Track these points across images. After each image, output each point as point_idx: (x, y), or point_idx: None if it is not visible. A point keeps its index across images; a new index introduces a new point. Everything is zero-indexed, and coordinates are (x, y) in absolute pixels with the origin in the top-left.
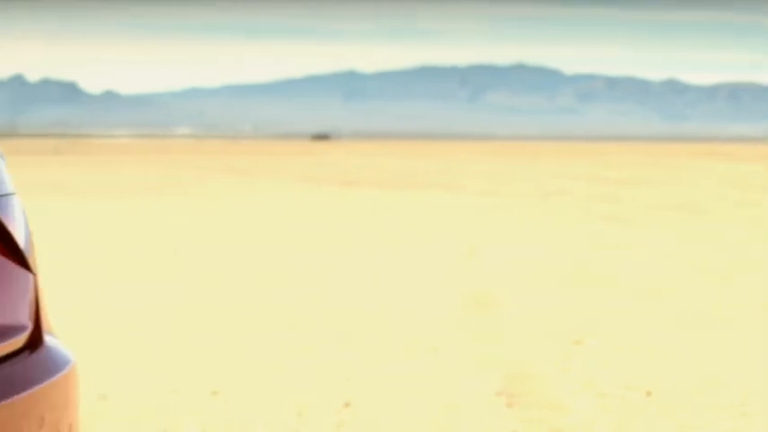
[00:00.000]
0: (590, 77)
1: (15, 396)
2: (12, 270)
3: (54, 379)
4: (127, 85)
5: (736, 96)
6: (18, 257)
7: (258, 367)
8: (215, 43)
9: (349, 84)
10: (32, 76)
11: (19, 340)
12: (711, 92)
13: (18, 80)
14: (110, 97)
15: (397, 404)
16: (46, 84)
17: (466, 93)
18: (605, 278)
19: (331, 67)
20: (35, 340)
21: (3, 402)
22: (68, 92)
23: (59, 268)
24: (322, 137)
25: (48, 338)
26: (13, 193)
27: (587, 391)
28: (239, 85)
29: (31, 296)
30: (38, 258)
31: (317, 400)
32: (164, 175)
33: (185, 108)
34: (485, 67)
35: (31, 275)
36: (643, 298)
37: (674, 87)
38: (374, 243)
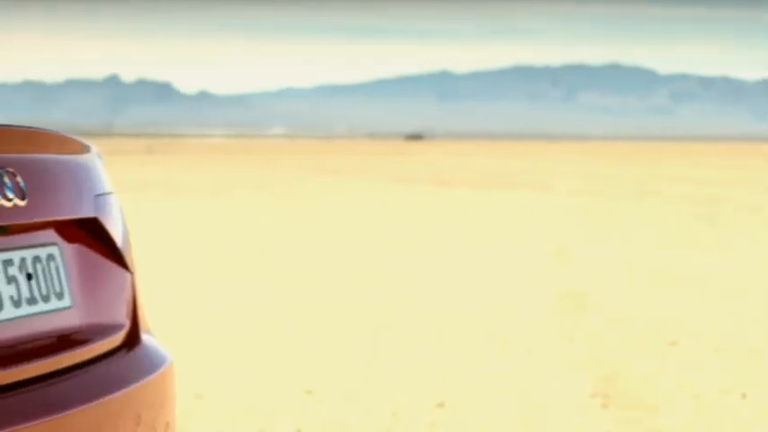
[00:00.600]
0: (684, 77)
1: (112, 394)
2: (110, 269)
3: (151, 378)
4: (221, 86)
5: None
6: (116, 256)
7: (352, 367)
8: (310, 43)
9: (443, 84)
10: (128, 76)
11: (117, 339)
12: None
13: (114, 80)
14: (204, 97)
15: (490, 405)
16: (141, 84)
17: (559, 93)
18: (698, 278)
19: (425, 67)
20: (133, 339)
21: (100, 400)
22: (163, 92)
23: (152, 267)
24: (415, 137)
25: (145, 337)
26: (111, 193)
27: (682, 393)
28: (333, 85)
29: (128, 295)
30: (134, 257)
31: (411, 400)
32: (257, 174)
33: (279, 108)
34: (578, 67)
35: (128, 274)
36: (737, 299)
37: None
38: (466, 243)
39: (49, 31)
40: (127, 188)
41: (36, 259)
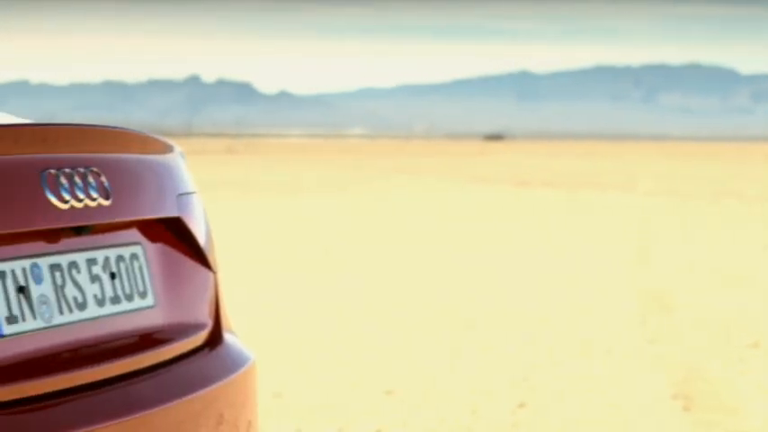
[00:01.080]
0: (766, 77)
1: (195, 393)
2: (192, 268)
3: (233, 377)
4: (301, 86)
5: None
6: (199, 256)
7: (432, 366)
8: (390, 43)
9: (522, 84)
10: (208, 76)
11: (199, 338)
12: None
13: (194, 81)
14: (284, 98)
15: (571, 405)
16: (221, 84)
17: (640, 93)
18: None
19: (505, 67)
20: (215, 338)
21: (182, 399)
22: (243, 92)
23: (232, 267)
24: (495, 137)
25: (227, 336)
26: (194, 192)
27: (763, 395)
28: (413, 85)
29: (211, 294)
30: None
31: (491, 401)
32: (336, 174)
33: (359, 108)
34: (659, 67)
35: (211, 273)
36: None
37: None
38: (546, 243)
39: (130, 31)
40: (206, 187)
41: (119, 258)
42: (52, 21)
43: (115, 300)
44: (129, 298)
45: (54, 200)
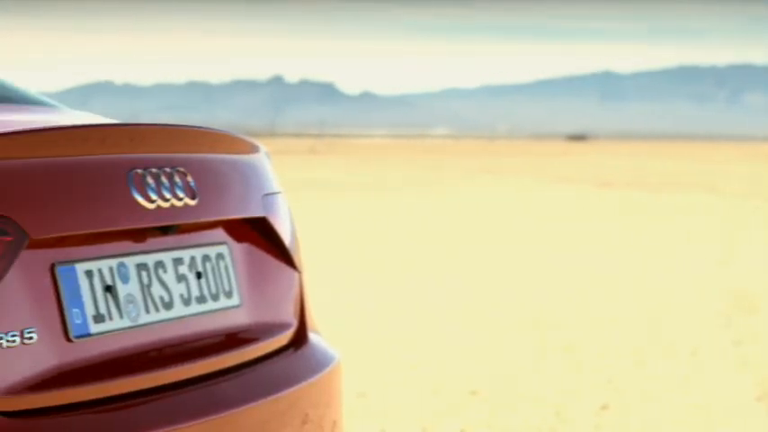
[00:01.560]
0: None
1: (280, 393)
2: (278, 268)
3: (318, 376)
4: (384, 86)
5: None
6: (284, 255)
7: (517, 367)
8: (472, 44)
9: (606, 84)
10: (291, 77)
11: (284, 337)
12: None
13: (277, 81)
14: (367, 98)
15: (655, 407)
16: (304, 85)
17: (724, 93)
18: None
19: (588, 67)
20: (300, 338)
21: (267, 399)
22: (326, 93)
23: (315, 266)
24: (578, 137)
25: (312, 336)
26: (280, 192)
27: None
28: (496, 85)
29: (296, 294)
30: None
31: (575, 402)
32: (419, 175)
33: (442, 108)
34: (743, 67)
35: (296, 273)
36: None
37: None
38: (629, 243)
39: (214, 31)
40: (290, 187)
41: (205, 258)
42: (137, 21)
43: (201, 299)
44: (215, 297)
45: (141, 200)
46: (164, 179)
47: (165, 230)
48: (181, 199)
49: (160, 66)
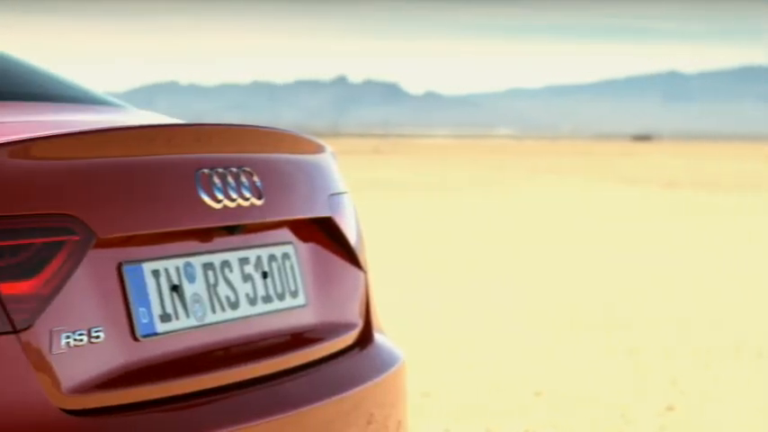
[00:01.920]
0: None
1: (345, 392)
2: (343, 268)
3: (383, 376)
4: (448, 86)
5: None
6: (350, 255)
7: (582, 367)
8: (536, 44)
9: (670, 84)
10: (355, 77)
11: (350, 337)
12: None
13: (341, 81)
14: (431, 98)
15: (720, 409)
16: (368, 85)
17: None
18: None
19: (652, 67)
20: (365, 338)
21: (333, 398)
22: (390, 92)
23: (379, 266)
24: (642, 137)
25: (377, 336)
26: (345, 192)
27: None
28: (560, 85)
29: (361, 294)
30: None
31: (640, 403)
32: (483, 175)
33: (506, 108)
34: None
35: (361, 273)
36: None
37: None
38: (694, 244)
39: (278, 31)
40: (354, 187)
41: (271, 258)
42: (202, 20)
43: (267, 299)
44: (281, 297)
45: (207, 199)
46: (230, 179)
47: (231, 230)
48: (247, 199)
49: (225, 66)
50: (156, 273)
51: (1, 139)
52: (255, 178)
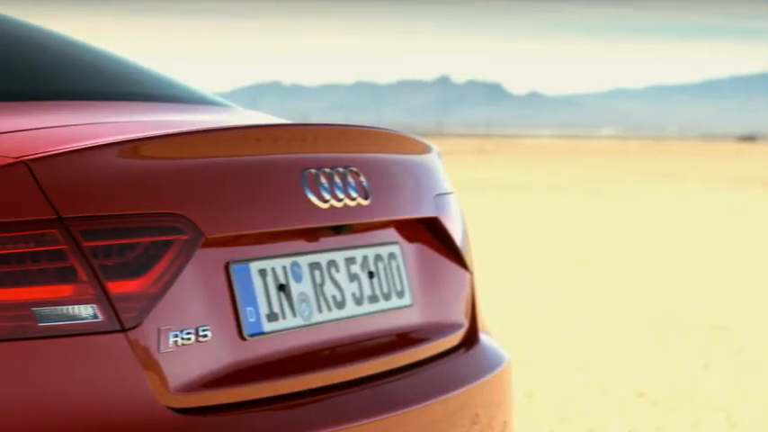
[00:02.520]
0: None
1: (450, 393)
2: (449, 268)
3: (489, 377)
4: (551, 86)
5: None
6: (455, 256)
7: (685, 369)
8: (639, 44)
9: None
10: (458, 77)
11: (455, 338)
12: None
13: (444, 82)
14: (534, 98)
15: None
16: (471, 85)
17: None
18: None
19: (756, 67)
20: (471, 338)
21: (438, 399)
22: (493, 93)
23: (483, 267)
24: (748, 138)
25: (483, 336)
26: (451, 192)
27: None
28: (664, 85)
29: (467, 294)
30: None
31: (746, 405)
32: (586, 175)
33: (609, 109)
34: None
35: (467, 274)
36: None
37: None
38: None
39: (382, 31)
40: (459, 187)
41: (377, 258)
42: (305, 20)
43: (373, 299)
44: (387, 297)
45: (314, 199)
46: (337, 179)
47: (337, 230)
48: (354, 199)
49: (328, 66)
50: (262, 272)
51: (110, 140)
52: (362, 178)
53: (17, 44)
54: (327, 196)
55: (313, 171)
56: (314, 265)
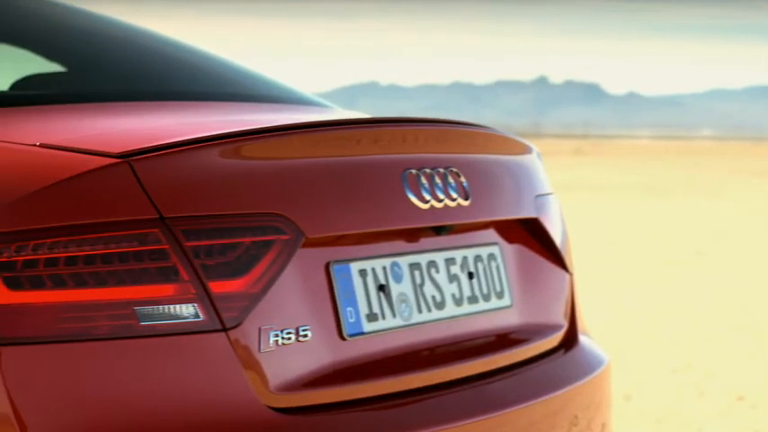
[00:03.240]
0: None
1: (550, 394)
2: (549, 269)
3: (589, 378)
4: (649, 87)
5: None
6: (555, 257)
7: None
8: (739, 44)
9: None
10: (555, 77)
11: (554, 339)
12: None
13: (542, 82)
14: (632, 98)
15: None
16: (568, 85)
17: None
18: None
19: None
20: (571, 339)
21: (537, 400)
22: (590, 93)
23: (583, 268)
24: None
25: (582, 338)
26: (551, 193)
27: None
28: (764, 86)
29: (566, 295)
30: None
31: None
32: (684, 176)
33: (707, 109)
34: None
35: (567, 275)
36: None
37: None
38: None
39: (479, 32)
40: (556, 188)
41: (477, 258)
42: (403, 21)
43: (473, 299)
44: (487, 298)
45: (415, 200)
46: (437, 179)
47: (438, 231)
48: (454, 199)
49: (425, 66)
50: (363, 272)
51: (211, 139)
52: (462, 179)
53: (120, 46)
54: (428, 197)
55: (414, 171)
56: (414, 266)
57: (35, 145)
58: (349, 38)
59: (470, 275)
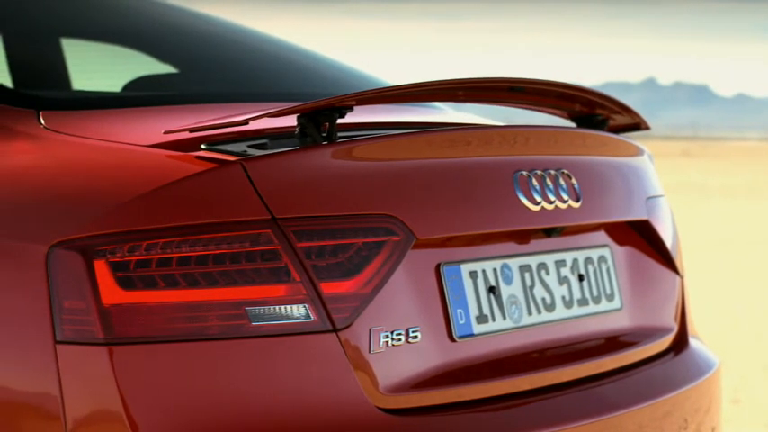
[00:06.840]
0: None
1: (660, 397)
2: (659, 272)
3: (698, 381)
4: (759, 88)
5: None
6: (666, 259)
7: None
8: None
9: None
10: (664, 79)
11: (664, 342)
12: None
13: (650, 83)
14: (742, 100)
15: None
16: (677, 87)
17: None
18: None
19: None
20: (681, 342)
21: (647, 403)
22: (699, 95)
23: (692, 271)
24: None
25: (692, 341)
26: (662, 195)
27: None
28: None
29: (677, 298)
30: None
31: None
32: None
33: None
34: None
35: (677, 278)
36: None
37: None
38: None
39: (588, 33)
40: (665, 190)
41: (587, 260)
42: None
43: (582, 302)
44: (597, 300)
45: (525, 201)
46: (548, 181)
47: (548, 232)
48: (565, 201)
49: (535, 67)
50: (473, 274)
51: (324, 141)
52: (573, 180)
53: (231, 47)
54: (539, 198)
55: (524, 173)
56: (524, 268)
57: (148, 146)
58: (457, 38)
59: (580, 277)
